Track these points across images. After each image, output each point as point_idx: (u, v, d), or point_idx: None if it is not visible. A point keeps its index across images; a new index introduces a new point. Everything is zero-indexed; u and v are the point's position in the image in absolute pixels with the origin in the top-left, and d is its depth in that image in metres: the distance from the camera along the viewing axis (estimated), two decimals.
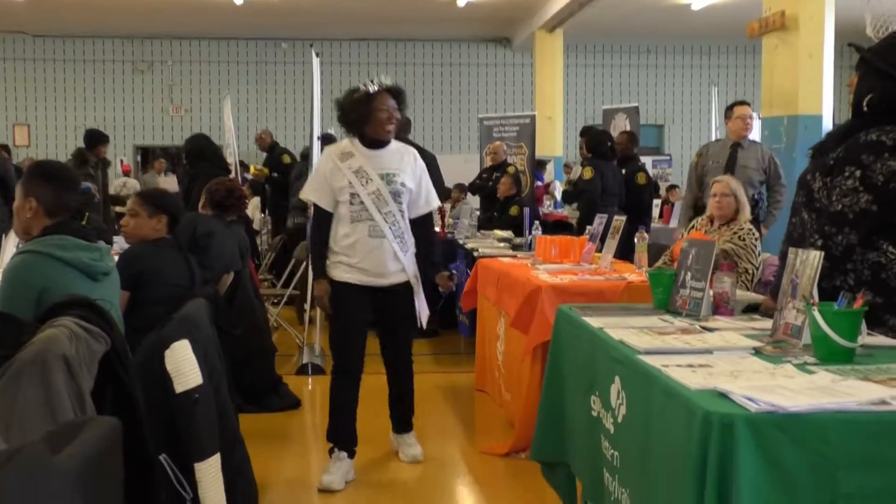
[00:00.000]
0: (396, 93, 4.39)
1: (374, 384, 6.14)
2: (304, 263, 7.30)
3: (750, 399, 2.02)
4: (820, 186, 3.11)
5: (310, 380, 6.57)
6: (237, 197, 5.42)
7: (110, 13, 14.15)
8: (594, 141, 8.22)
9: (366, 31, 16.07)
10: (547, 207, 11.67)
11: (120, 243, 5.81)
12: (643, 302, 3.72)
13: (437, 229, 7.91)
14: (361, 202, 4.27)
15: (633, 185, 8.34)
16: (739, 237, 4.91)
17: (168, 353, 3.19)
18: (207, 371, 3.32)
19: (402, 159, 4.42)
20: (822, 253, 2.73)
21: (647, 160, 13.31)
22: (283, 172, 9.98)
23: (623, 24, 15.00)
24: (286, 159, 10.09)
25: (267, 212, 10.12)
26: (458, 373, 6.72)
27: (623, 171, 8.48)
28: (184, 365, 3.19)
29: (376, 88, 4.30)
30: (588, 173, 7.92)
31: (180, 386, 3.15)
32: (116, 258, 4.04)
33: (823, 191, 3.10)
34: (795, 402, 1.99)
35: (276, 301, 8.00)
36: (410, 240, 4.43)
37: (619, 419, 2.71)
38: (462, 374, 6.61)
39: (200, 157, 7.17)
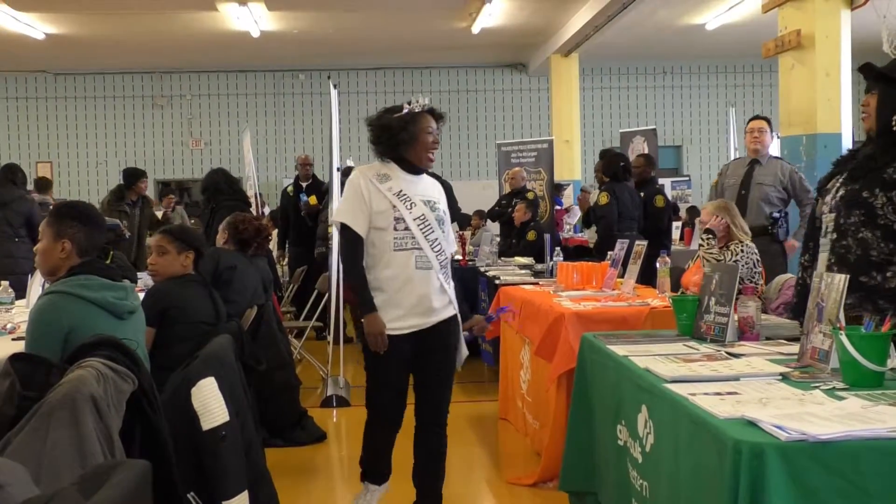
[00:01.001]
0: (439, 116, 3.93)
1: None
2: (327, 295, 7.32)
3: (779, 427, 2.01)
4: (885, 202, 3.11)
5: (335, 412, 6.56)
6: (264, 236, 5.45)
7: (128, 49, 14.31)
8: (608, 164, 8.23)
9: (381, 60, 16.16)
10: (567, 231, 11.67)
11: (145, 280, 5.86)
12: (667, 327, 3.71)
13: (459, 257, 7.95)
14: (407, 228, 3.75)
15: (651, 209, 8.32)
16: (729, 249, 4.93)
17: (195, 391, 3.21)
18: (234, 407, 3.34)
19: (437, 189, 4.01)
20: (847, 276, 2.73)
21: (665, 181, 13.30)
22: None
23: (638, 47, 15.02)
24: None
25: (287, 244, 10.06)
26: (482, 402, 6.71)
27: (641, 195, 8.46)
28: (210, 402, 3.20)
29: (421, 108, 3.85)
30: (604, 199, 7.91)
31: (207, 423, 3.17)
32: (142, 295, 4.08)
33: (889, 206, 3.10)
34: (826, 430, 1.98)
35: (299, 333, 8.01)
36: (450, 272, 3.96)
37: (648, 448, 2.69)
38: (486, 403, 6.59)
39: (217, 191, 7.23)
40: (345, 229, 3.80)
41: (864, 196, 3.14)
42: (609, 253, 5.52)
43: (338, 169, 7.06)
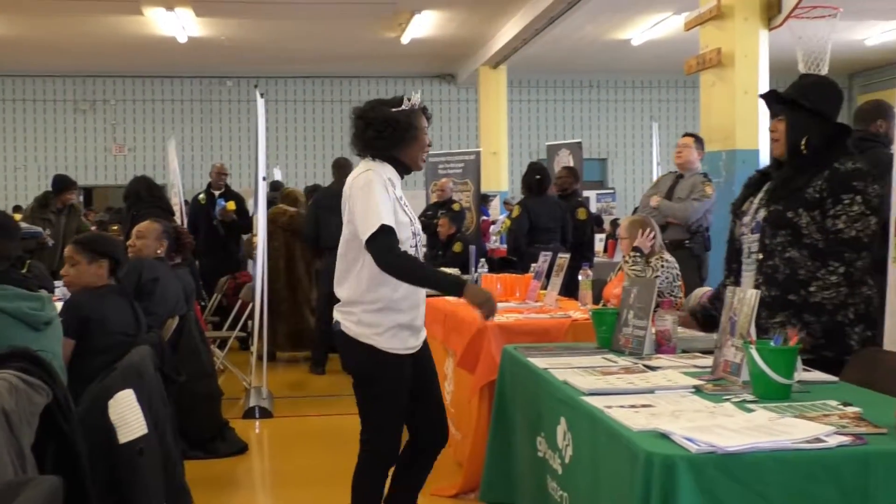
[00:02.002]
0: (429, 116, 3.55)
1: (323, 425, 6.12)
2: (250, 305, 7.26)
3: (690, 440, 2.06)
4: (808, 221, 3.20)
5: (257, 423, 6.50)
6: (183, 242, 5.39)
7: (51, 52, 14.03)
8: (523, 177, 8.31)
9: (311, 69, 16.11)
10: (493, 242, 11.74)
11: (63, 290, 5.75)
12: (589, 339, 3.76)
13: None
14: (415, 243, 3.46)
15: (574, 221, 8.42)
16: (649, 264, 5.04)
17: (112, 403, 3.17)
18: (152, 420, 3.30)
19: None
20: (759, 292, 2.81)
21: (591, 194, 13.50)
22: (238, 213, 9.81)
23: (565, 60, 15.23)
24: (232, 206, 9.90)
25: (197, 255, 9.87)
26: None
27: (563, 207, 8.57)
28: (128, 415, 3.17)
29: (418, 105, 3.46)
30: (515, 212, 7.99)
31: (124, 436, 3.13)
32: (60, 305, 4.00)
33: (813, 225, 3.20)
34: (733, 442, 2.03)
35: (222, 343, 7.93)
36: None
37: (567, 460, 2.73)
38: None
39: (138, 199, 7.13)
40: (384, 233, 3.29)
41: (788, 216, 3.23)
42: (533, 265, 5.58)
43: (263, 178, 7.01)
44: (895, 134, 3.99)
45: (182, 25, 11.99)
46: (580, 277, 5.07)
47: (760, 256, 3.32)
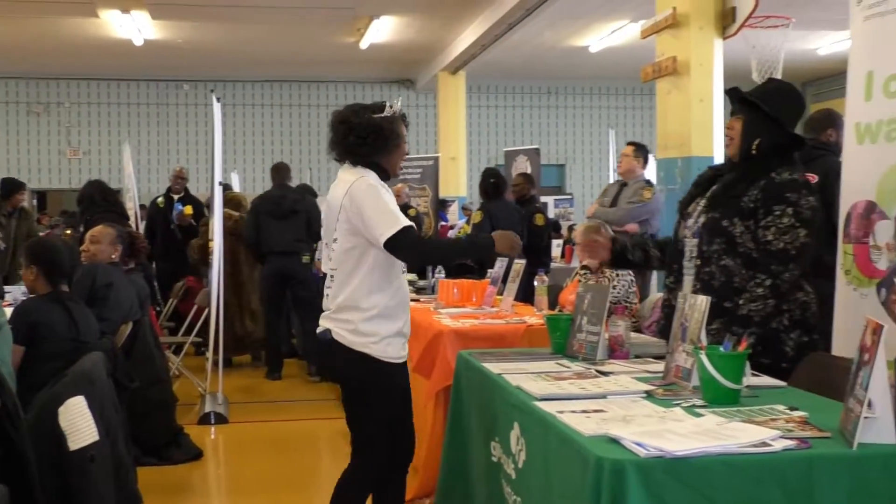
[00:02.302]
0: (408, 124, 3.59)
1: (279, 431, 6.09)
2: (206, 310, 7.21)
3: (639, 444, 2.08)
4: (742, 231, 3.24)
5: (213, 429, 6.47)
6: (137, 247, 5.35)
7: (3, 53, 13.81)
8: (480, 183, 8.36)
9: (269, 73, 16.03)
10: None
11: (14, 294, 5.68)
12: (544, 345, 3.77)
13: None
14: None
15: (531, 227, 8.46)
16: (602, 273, 5.09)
17: (62, 410, 3.14)
18: (103, 427, 3.27)
19: None
20: (709, 298, 2.84)
21: (549, 199, 13.56)
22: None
23: (524, 66, 15.29)
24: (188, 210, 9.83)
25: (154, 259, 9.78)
26: None
27: (521, 212, 8.62)
28: (79, 421, 3.14)
29: (399, 111, 3.47)
30: (477, 217, 8.02)
31: (75, 443, 3.10)
32: (11, 311, 3.95)
33: (747, 234, 3.23)
34: (682, 447, 2.06)
35: (177, 349, 7.88)
36: None
37: (520, 465, 2.75)
38: None
39: (92, 203, 7.06)
40: (407, 230, 3.28)
41: (724, 225, 3.26)
42: (489, 271, 5.60)
43: (220, 183, 6.97)
44: (844, 137, 4.05)
45: (138, 28, 11.87)
46: (536, 283, 5.10)
47: (698, 262, 3.35)
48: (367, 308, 3.33)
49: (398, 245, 3.27)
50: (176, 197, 9.75)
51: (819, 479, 2.05)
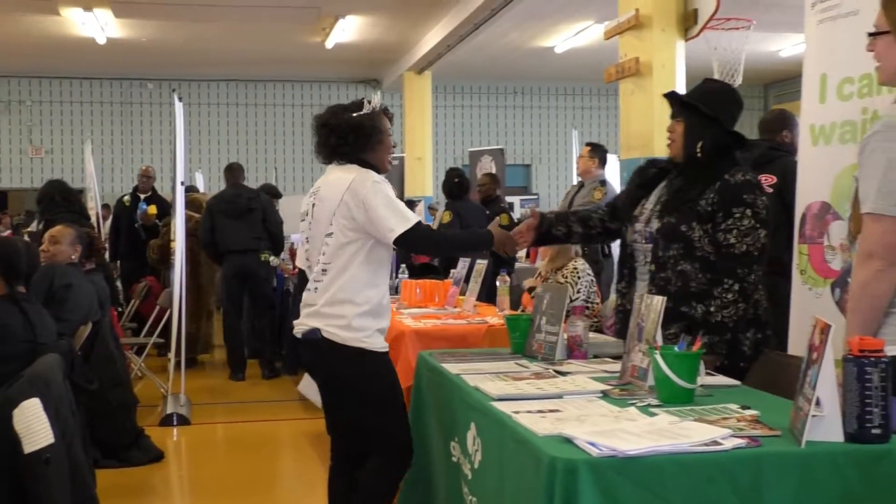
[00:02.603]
0: (391, 116, 3.58)
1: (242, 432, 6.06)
2: (168, 311, 7.17)
3: (592, 444, 2.10)
4: (701, 235, 3.25)
5: (175, 431, 6.42)
6: (96, 247, 5.30)
7: None
8: (444, 182, 8.39)
9: (235, 73, 15.95)
10: None
11: None
12: (505, 345, 3.79)
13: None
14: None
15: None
16: (563, 276, 5.12)
17: (17, 412, 3.11)
18: (59, 429, 3.25)
19: None
20: (665, 298, 2.87)
21: (514, 199, 13.63)
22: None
23: (490, 67, 15.32)
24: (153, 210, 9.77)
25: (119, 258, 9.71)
26: (322, 418, 6.66)
27: (487, 213, 8.65)
28: (34, 424, 3.11)
29: (378, 107, 3.47)
30: (447, 217, 8.04)
31: (30, 446, 3.07)
32: None
33: (705, 238, 3.25)
34: (634, 446, 2.08)
35: (139, 350, 7.83)
36: None
37: (476, 465, 2.76)
38: None
39: (52, 203, 6.99)
40: (419, 224, 3.32)
41: (682, 230, 3.25)
42: (452, 271, 5.62)
43: (182, 183, 6.93)
44: (799, 143, 4.10)
45: (101, 26, 11.76)
46: (498, 283, 5.12)
47: (653, 268, 3.33)
48: (361, 302, 3.30)
49: (411, 239, 3.30)
50: (142, 196, 9.70)
51: (768, 477, 2.07)
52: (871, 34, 2.55)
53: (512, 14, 11.05)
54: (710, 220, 3.24)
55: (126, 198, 9.77)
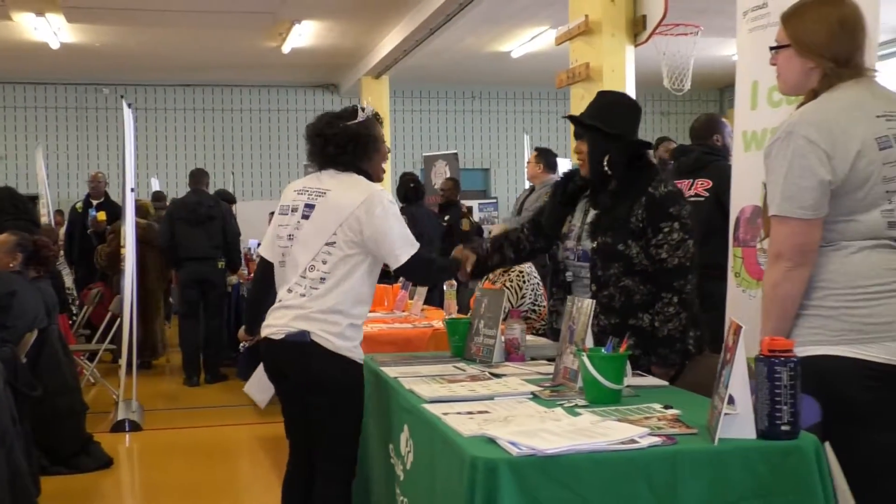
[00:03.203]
0: (381, 121, 3.56)
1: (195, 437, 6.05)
2: (119, 318, 7.15)
3: (513, 444, 2.15)
4: (638, 251, 3.31)
5: (127, 437, 6.41)
6: (44, 256, 5.27)
7: None
8: (399, 187, 8.46)
9: (191, 77, 15.88)
10: None
11: None
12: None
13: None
14: None
15: (457, 232, 8.56)
16: (509, 279, 5.19)
17: None
18: None
19: None
20: (594, 301, 2.94)
21: (473, 203, 13.68)
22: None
23: (449, 71, 15.38)
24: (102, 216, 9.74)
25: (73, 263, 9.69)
26: (277, 422, 6.66)
27: (447, 218, 8.72)
28: None
29: (371, 112, 3.45)
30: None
31: None
32: None
33: (642, 253, 3.31)
34: (553, 445, 2.14)
35: (91, 356, 7.80)
36: None
37: (409, 466, 2.82)
38: (279, 425, 6.57)
39: (1, 211, 6.94)
40: (417, 255, 3.36)
41: (619, 249, 3.29)
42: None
43: (132, 189, 6.92)
44: (734, 144, 4.19)
45: (54, 31, 11.68)
46: (445, 288, 5.17)
47: (594, 287, 3.35)
48: (355, 315, 3.31)
49: (410, 268, 3.35)
50: (94, 202, 9.67)
51: (682, 474, 2.14)
52: (772, 48, 2.65)
53: (467, 19, 11.12)
54: (643, 235, 3.29)
55: (79, 204, 9.77)
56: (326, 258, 3.28)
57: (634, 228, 3.29)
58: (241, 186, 16.01)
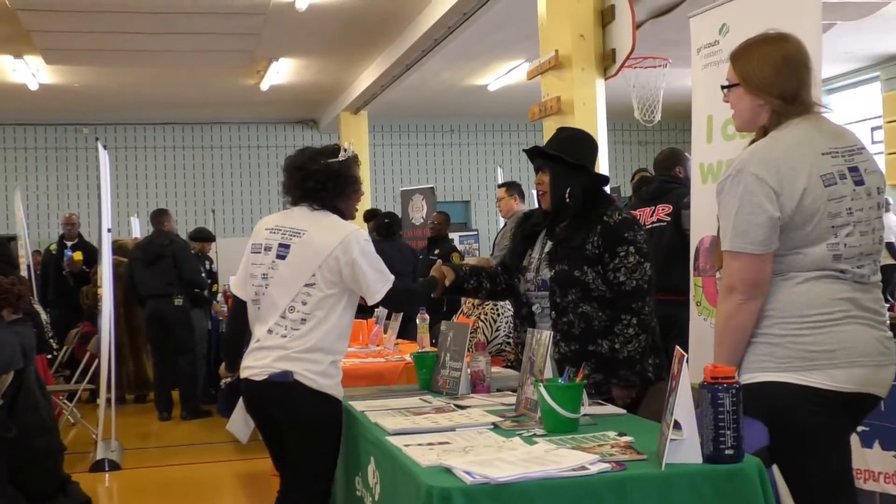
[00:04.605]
0: (359, 163, 3.61)
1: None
2: (97, 359, 7.20)
3: (468, 472, 2.23)
4: (594, 277, 3.41)
5: (107, 476, 6.43)
6: (15, 296, 5.30)
7: None
8: (376, 224, 8.56)
9: (170, 116, 15.96)
10: None
11: None
12: None
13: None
14: None
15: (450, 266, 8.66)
16: (484, 312, 5.27)
17: None
18: None
19: None
20: (552, 332, 3.03)
21: (454, 236, 13.78)
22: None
23: (427, 105, 15.51)
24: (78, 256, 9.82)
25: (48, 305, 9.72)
26: (254, 459, 6.68)
27: (437, 252, 8.83)
28: None
29: (351, 152, 3.51)
30: None
31: None
32: None
33: (598, 279, 3.40)
34: (506, 473, 2.21)
35: (71, 396, 7.82)
36: None
37: (377, 498, 2.88)
38: (259, 461, 6.60)
39: None
40: (394, 287, 3.42)
41: (576, 275, 3.39)
42: (374, 310, 5.73)
43: (108, 230, 6.99)
44: (692, 176, 4.31)
45: (32, 73, 11.77)
46: (417, 321, 5.24)
47: (553, 314, 3.44)
48: (336, 352, 3.38)
49: (393, 298, 3.45)
50: (69, 244, 9.75)
51: (631, 498, 2.22)
52: (723, 87, 2.76)
53: (443, 54, 11.26)
54: (599, 261, 3.39)
55: (52, 246, 9.86)
56: (306, 299, 3.33)
57: (590, 255, 3.40)
58: (223, 223, 16.07)
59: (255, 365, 3.38)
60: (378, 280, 3.38)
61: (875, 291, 2.63)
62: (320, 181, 3.40)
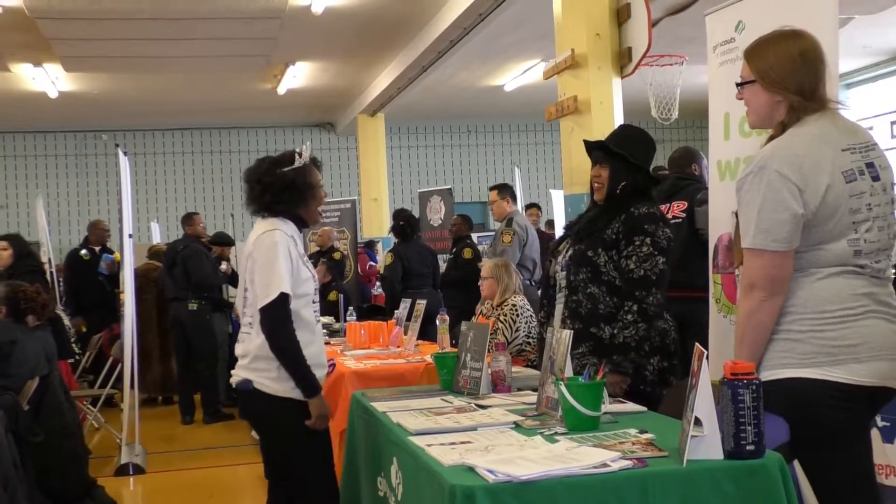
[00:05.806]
0: (320, 166, 3.61)
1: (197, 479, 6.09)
2: (121, 363, 7.25)
3: (490, 471, 2.25)
4: (606, 260, 3.46)
5: (131, 480, 6.48)
6: (40, 304, 5.33)
7: None
8: (393, 225, 8.60)
9: (189, 121, 16.07)
10: (377, 289, 11.90)
11: None
12: None
13: None
14: (316, 298, 3.56)
15: (460, 260, 8.68)
16: (503, 313, 5.30)
17: None
18: (1, 481, 3.33)
19: None
20: (571, 332, 3.04)
21: (472, 236, 13.80)
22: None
23: (443, 107, 15.53)
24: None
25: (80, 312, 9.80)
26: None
27: (454, 250, 8.86)
28: None
29: (309, 159, 3.51)
30: (388, 259, 8.25)
31: None
32: None
33: (610, 263, 3.45)
34: (528, 471, 2.23)
35: (94, 401, 7.88)
36: None
37: (400, 498, 2.90)
38: None
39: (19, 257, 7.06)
40: (281, 303, 3.32)
41: (589, 255, 3.51)
42: (395, 312, 5.76)
43: (129, 236, 7.04)
44: (707, 174, 4.36)
45: (52, 80, 11.87)
46: (437, 322, 5.26)
47: (566, 292, 3.57)
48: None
49: (270, 314, 3.31)
50: (97, 249, 9.85)
51: (653, 495, 2.23)
52: (738, 84, 2.76)
53: (459, 56, 11.28)
54: (615, 247, 3.49)
55: (84, 252, 9.86)
56: (247, 303, 3.45)
57: (608, 239, 3.49)
58: (241, 227, 16.13)
59: (233, 372, 3.53)
60: (267, 285, 3.32)
61: (890, 286, 2.64)
62: (276, 193, 3.45)
